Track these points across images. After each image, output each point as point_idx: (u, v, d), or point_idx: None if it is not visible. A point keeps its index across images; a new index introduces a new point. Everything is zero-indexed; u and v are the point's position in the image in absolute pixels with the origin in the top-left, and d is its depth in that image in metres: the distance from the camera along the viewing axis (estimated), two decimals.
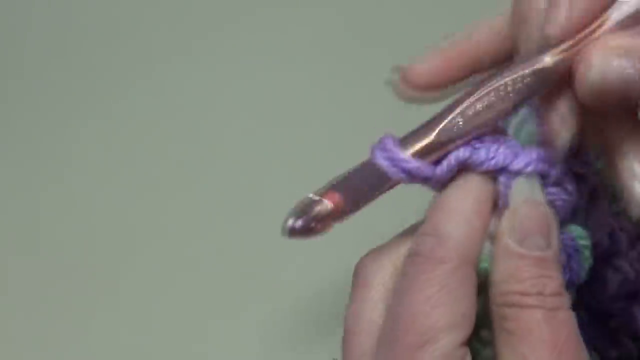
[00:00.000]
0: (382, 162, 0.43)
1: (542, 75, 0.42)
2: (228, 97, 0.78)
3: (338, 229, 0.44)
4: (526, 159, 0.44)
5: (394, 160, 0.43)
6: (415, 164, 0.43)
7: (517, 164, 0.44)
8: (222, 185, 0.74)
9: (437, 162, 0.44)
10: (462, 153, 0.44)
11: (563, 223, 0.45)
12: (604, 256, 0.54)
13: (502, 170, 0.44)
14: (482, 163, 0.44)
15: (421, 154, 0.43)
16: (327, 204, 0.43)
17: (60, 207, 0.75)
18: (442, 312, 0.41)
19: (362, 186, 0.43)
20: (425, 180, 0.44)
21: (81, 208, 0.75)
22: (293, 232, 0.43)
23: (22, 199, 0.75)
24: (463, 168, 0.44)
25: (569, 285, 0.45)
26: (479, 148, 0.44)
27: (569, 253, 0.45)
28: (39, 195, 0.75)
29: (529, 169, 0.44)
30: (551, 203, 0.44)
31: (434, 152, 0.43)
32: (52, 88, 0.80)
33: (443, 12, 0.78)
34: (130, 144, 0.77)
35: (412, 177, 0.43)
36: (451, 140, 0.43)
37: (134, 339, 0.69)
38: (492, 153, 0.44)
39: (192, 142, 0.76)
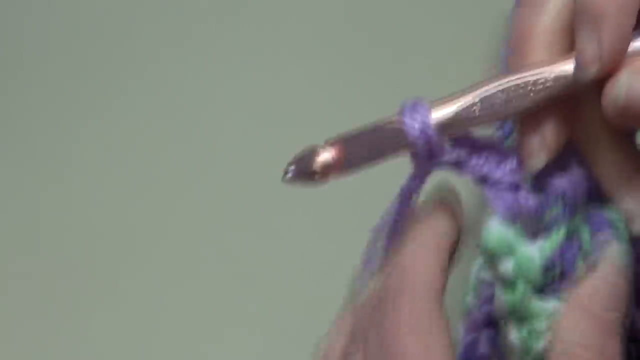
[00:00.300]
0: (411, 127, 0.43)
1: (564, 83, 0.43)
2: (229, 96, 0.78)
3: (340, 231, 0.44)
4: (504, 170, 0.44)
5: (423, 129, 0.43)
6: (440, 141, 0.43)
7: (497, 174, 0.44)
8: (223, 184, 0.74)
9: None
10: (463, 154, 0.44)
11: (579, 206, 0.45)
12: None
13: (485, 178, 0.44)
14: (472, 167, 0.44)
15: (444, 127, 0.43)
16: (329, 155, 0.43)
17: (60, 207, 0.75)
18: (425, 340, 0.42)
19: (372, 144, 0.43)
20: (430, 157, 0.44)
21: (81, 208, 0.74)
22: (287, 179, 0.43)
23: (22, 199, 0.75)
24: (455, 165, 0.44)
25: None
26: (474, 153, 0.44)
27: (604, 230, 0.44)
28: (39, 195, 0.75)
29: (506, 179, 0.44)
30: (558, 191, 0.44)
31: (445, 131, 0.43)
32: (52, 88, 0.80)
33: (443, 11, 0.78)
34: (130, 143, 0.77)
35: (429, 151, 0.43)
36: (464, 124, 0.43)
37: (133, 339, 0.69)
38: (482, 160, 0.44)
39: (193, 142, 0.76)
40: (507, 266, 0.43)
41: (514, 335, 0.44)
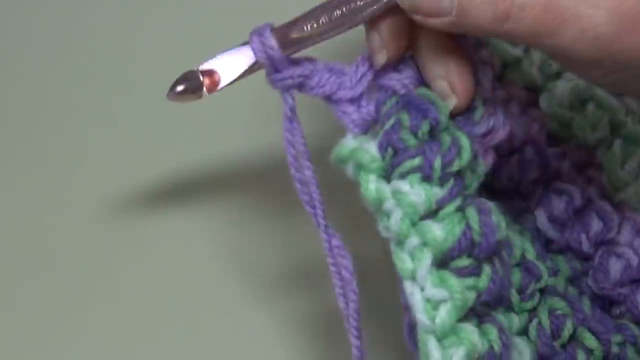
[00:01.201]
0: (257, 47, 0.51)
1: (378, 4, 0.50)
2: (228, 95, 0.77)
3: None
4: (344, 87, 0.51)
5: (266, 48, 0.50)
6: (282, 58, 0.50)
7: (338, 93, 0.51)
8: (224, 185, 0.74)
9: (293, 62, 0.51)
10: (306, 71, 0.51)
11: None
12: (605, 243, 0.55)
13: (329, 98, 0.51)
14: (316, 85, 0.51)
15: (288, 45, 0.51)
16: (213, 74, 0.52)
17: (59, 207, 0.75)
18: None
19: (237, 64, 0.52)
20: (277, 71, 0.51)
21: (81, 208, 0.74)
22: (177, 92, 0.52)
23: (20, 199, 0.75)
24: (299, 86, 0.51)
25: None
26: (316, 72, 0.51)
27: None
28: (37, 195, 0.75)
29: (346, 95, 0.51)
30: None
31: (290, 48, 0.51)
32: (51, 89, 0.80)
33: None
34: (130, 144, 0.77)
35: (275, 66, 0.51)
36: (307, 41, 0.51)
37: (133, 341, 0.69)
38: (324, 80, 0.51)
39: (193, 143, 0.76)
40: (354, 164, 0.50)
41: (381, 226, 0.50)
